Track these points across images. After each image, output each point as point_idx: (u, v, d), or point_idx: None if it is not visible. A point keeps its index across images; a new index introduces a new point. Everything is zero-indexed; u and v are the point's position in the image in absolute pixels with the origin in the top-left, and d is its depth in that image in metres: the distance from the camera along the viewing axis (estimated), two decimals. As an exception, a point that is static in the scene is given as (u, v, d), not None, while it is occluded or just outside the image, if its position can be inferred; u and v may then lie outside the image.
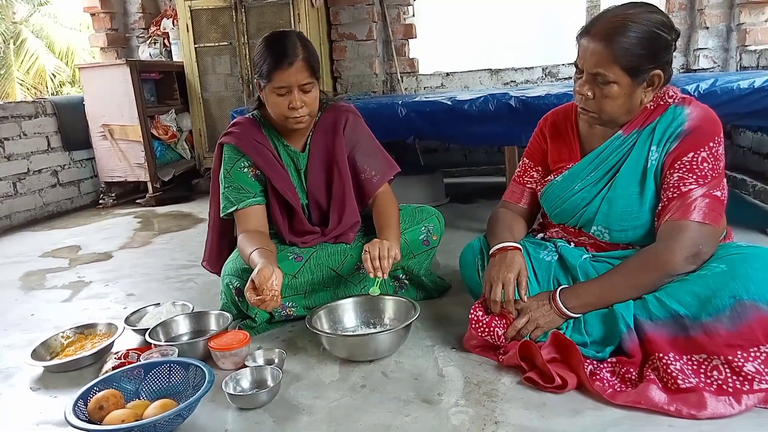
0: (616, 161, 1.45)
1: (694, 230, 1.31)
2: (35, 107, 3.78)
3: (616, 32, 1.31)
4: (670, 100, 1.41)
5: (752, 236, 2.33)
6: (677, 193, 1.34)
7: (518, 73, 4.10)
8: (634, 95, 1.37)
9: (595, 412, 1.23)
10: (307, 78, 1.65)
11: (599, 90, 1.36)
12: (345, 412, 1.31)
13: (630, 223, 1.43)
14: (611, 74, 1.33)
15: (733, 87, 2.20)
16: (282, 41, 1.65)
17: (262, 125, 1.83)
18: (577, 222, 1.53)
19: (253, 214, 1.77)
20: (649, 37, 1.31)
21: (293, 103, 1.65)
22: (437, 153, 4.39)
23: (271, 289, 1.46)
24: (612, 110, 1.38)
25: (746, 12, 3.38)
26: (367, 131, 1.90)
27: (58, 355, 1.70)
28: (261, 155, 1.76)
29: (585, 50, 1.36)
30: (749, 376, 1.18)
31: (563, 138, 1.58)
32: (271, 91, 1.67)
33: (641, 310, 1.31)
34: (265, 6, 3.86)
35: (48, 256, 2.90)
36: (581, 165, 1.50)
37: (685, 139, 1.36)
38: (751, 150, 3.20)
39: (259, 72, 1.68)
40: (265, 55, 1.65)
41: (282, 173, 1.79)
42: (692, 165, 1.34)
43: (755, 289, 1.19)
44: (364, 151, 1.85)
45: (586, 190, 1.49)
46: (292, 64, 1.62)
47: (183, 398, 1.33)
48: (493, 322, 1.44)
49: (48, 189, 3.84)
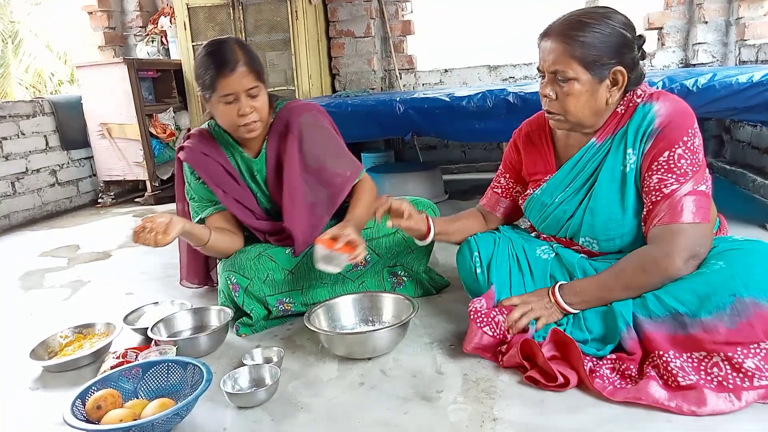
0: (593, 170, 1.44)
1: (689, 232, 1.30)
2: (33, 106, 3.77)
3: (572, 29, 1.33)
4: (638, 99, 1.39)
5: (752, 231, 2.33)
6: (660, 195, 1.33)
7: (517, 68, 4.09)
8: (597, 93, 1.36)
9: (594, 409, 1.22)
10: (252, 82, 1.62)
11: (560, 89, 1.37)
12: (343, 409, 1.31)
13: (615, 232, 1.42)
14: (570, 70, 1.33)
15: (732, 81, 2.19)
16: (221, 49, 1.62)
17: (216, 136, 1.81)
18: (564, 234, 1.53)
19: (218, 221, 1.79)
20: (606, 32, 1.32)
21: (242, 110, 1.61)
22: (436, 149, 4.38)
23: (157, 222, 1.52)
24: (576, 109, 1.37)
25: (745, 6, 3.36)
26: (328, 132, 1.84)
27: (57, 354, 1.70)
28: (208, 172, 1.76)
29: (543, 50, 1.38)
30: (749, 372, 1.18)
31: (538, 149, 1.58)
32: (217, 101, 1.63)
33: (640, 308, 1.31)
34: (263, 3, 3.85)
35: (47, 255, 2.90)
36: (558, 176, 1.50)
37: (657, 137, 1.34)
38: (750, 145, 3.19)
39: (203, 84, 1.64)
40: (206, 64, 1.61)
41: (232, 186, 1.77)
42: (669, 164, 1.32)
43: (754, 286, 1.19)
44: (333, 154, 1.81)
45: (567, 201, 1.48)
46: (234, 70, 1.58)
47: (181, 397, 1.33)
48: (492, 312, 1.43)
49: (46, 188, 3.84)
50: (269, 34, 3.88)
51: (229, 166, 1.79)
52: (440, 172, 3.56)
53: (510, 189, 1.70)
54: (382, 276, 1.91)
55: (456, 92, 2.73)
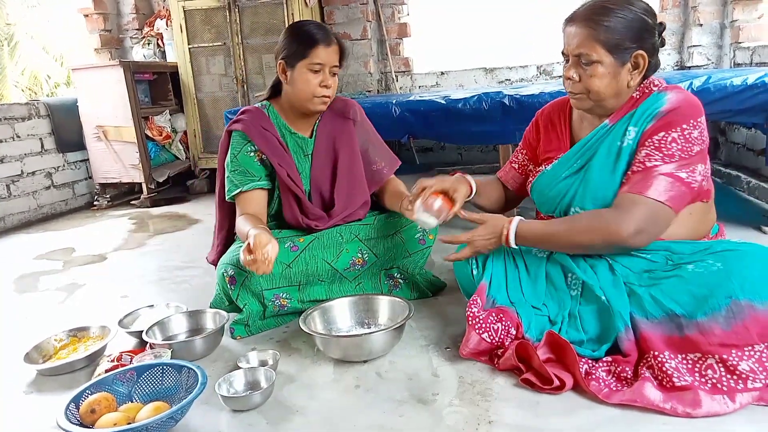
0: (597, 148, 1.47)
1: (649, 207, 1.32)
2: (28, 109, 3.76)
3: (596, 13, 1.38)
4: (655, 88, 1.43)
5: (748, 233, 2.33)
6: (641, 167, 1.36)
7: (513, 71, 4.10)
8: (619, 76, 1.40)
9: (590, 411, 1.22)
10: (337, 61, 1.78)
11: (583, 71, 1.41)
12: (339, 412, 1.31)
13: (602, 202, 1.43)
14: (594, 54, 1.37)
15: (727, 84, 2.20)
16: (321, 26, 1.79)
17: (271, 114, 1.88)
18: (560, 209, 1.54)
19: (255, 199, 1.82)
20: (628, 17, 1.36)
21: (325, 81, 1.74)
22: (432, 152, 4.39)
23: (265, 253, 1.47)
24: (598, 89, 1.40)
25: (739, 9, 3.38)
26: (372, 125, 2.01)
27: (51, 358, 1.69)
28: (267, 142, 1.81)
29: (568, 35, 1.43)
30: (743, 374, 1.18)
31: (555, 129, 1.63)
32: (304, 68, 1.73)
33: (637, 309, 1.31)
34: (259, 6, 3.85)
35: (42, 258, 2.89)
36: (569, 154, 1.54)
37: (660, 119, 1.37)
38: (745, 147, 3.21)
39: (292, 51, 1.74)
40: (306, 34, 1.74)
41: (287, 160, 1.83)
42: (660, 144, 1.35)
43: (750, 288, 1.19)
44: (374, 144, 1.98)
45: (570, 177, 1.51)
46: (330, 45, 1.74)
47: (176, 401, 1.32)
48: (490, 317, 1.43)
49: (42, 191, 3.83)
50: (265, 37, 3.89)
51: (282, 143, 1.85)
52: (437, 175, 3.56)
53: (525, 166, 1.75)
54: (379, 278, 1.91)
55: (452, 95, 2.73)
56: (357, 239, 1.85)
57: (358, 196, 1.90)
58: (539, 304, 1.47)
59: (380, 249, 1.86)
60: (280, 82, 1.85)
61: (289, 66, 1.76)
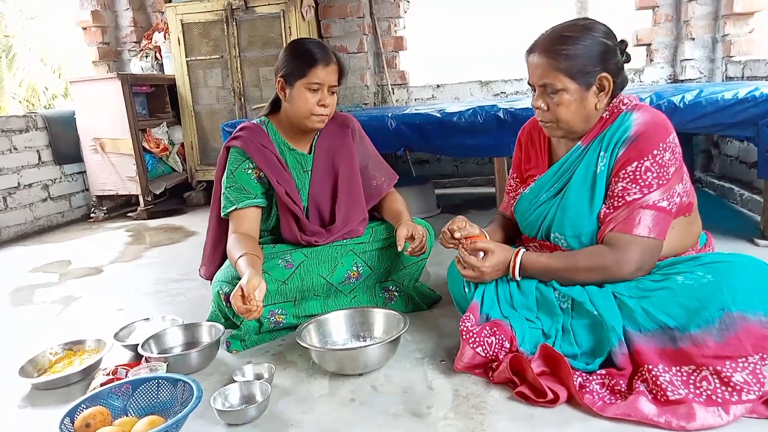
0: (573, 171, 1.49)
1: (641, 246, 1.36)
2: (26, 121, 3.78)
3: (556, 43, 1.39)
4: (624, 107, 1.44)
5: (740, 245, 2.35)
6: (622, 202, 1.38)
7: (508, 84, 4.14)
8: (586, 101, 1.41)
9: (584, 424, 1.23)
10: (336, 81, 1.79)
11: (551, 100, 1.42)
12: (334, 426, 1.31)
13: (581, 230, 1.45)
14: (558, 83, 1.39)
15: (718, 98, 2.23)
16: (321, 45, 1.80)
17: (270, 130, 1.89)
18: (541, 233, 1.55)
19: (249, 216, 1.81)
20: (588, 43, 1.37)
21: (324, 100, 1.76)
22: (429, 164, 4.41)
23: (258, 303, 1.47)
24: (567, 117, 1.42)
25: (731, 23, 3.43)
26: (370, 141, 2.04)
27: (46, 371, 1.68)
28: (265, 159, 1.82)
29: (531, 66, 1.45)
30: (737, 386, 1.19)
31: (534, 146, 1.65)
32: (302, 87, 1.75)
33: (630, 322, 1.32)
34: (257, 19, 3.89)
35: (38, 271, 2.88)
36: (546, 176, 1.55)
37: (630, 146, 1.38)
38: (738, 159, 3.23)
39: (291, 69, 1.76)
40: (305, 53, 1.75)
41: (285, 177, 1.83)
42: (635, 175, 1.36)
43: (742, 300, 1.21)
44: (373, 159, 2.01)
45: (549, 201, 1.53)
46: (329, 65, 1.75)
47: (171, 414, 1.32)
48: (484, 331, 1.44)
49: (38, 203, 3.83)
50: (263, 50, 3.92)
51: (281, 160, 1.86)
52: (433, 187, 3.58)
53: (516, 189, 1.73)
54: (374, 291, 1.92)
55: (447, 108, 2.76)
56: (352, 252, 1.85)
57: (358, 213, 1.91)
58: (533, 317, 1.48)
59: (375, 261, 1.87)
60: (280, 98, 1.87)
61: (288, 84, 1.77)
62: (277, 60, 1.82)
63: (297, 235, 1.85)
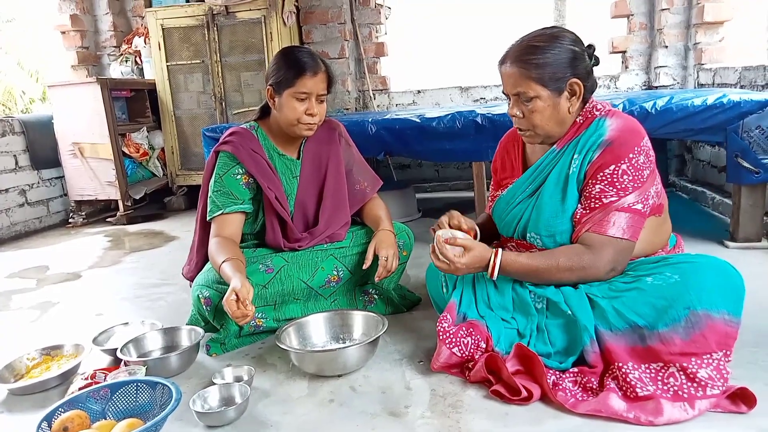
0: (548, 173, 1.53)
1: (616, 247, 1.40)
2: (2, 126, 3.72)
3: (525, 53, 1.43)
4: (597, 113, 1.50)
5: (711, 247, 2.41)
6: (599, 203, 1.42)
7: (488, 90, 4.19)
8: (558, 106, 1.46)
9: (556, 421, 1.26)
10: (324, 90, 1.80)
11: (525, 107, 1.47)
12: (313, 427, 1.32)
13: (555, 228, 1.49)
14: (530, 91, 1.43)
15: (688, 104, 2.29)
16: (310, 53, 1.80)
17: (260, 135, 1.90)
18: (517, 233, 1.59)
19: (234, 222, 1.82)
20: (556, 51, 1.42)
21: (311, 109, 1.77)
22: (410, 168, 4.44)
23: (252, 308, 1.51)
24: (542, 123, 1.47)
25: (702, 32, 3.53)
26: (355, 146, 2.06)
27: (23, 377, 1.67)
28: (256, 164, 1.82)
29: (504, 76, 1.49)
30: (702, 382, 1.24)
31: (509, 155, 1.69)
32: (290, 96, 1.76)
33: (601, 321, 1.36)
34: (238, 24, 3.89)
35: (15, 276, 2.85)
36: (522, 179, 1.59)
37: (606, 150, 1.43)
38: (709, 164, 3.32)
39: (280, 78, 1.76)
40: (293, 62, 1.76)
41: (275, 183, 1.84)
42: (613, 178, 1.41)
43: (707, 299, 1.26)
44: (357, 164, 2.03)
45: (524, 202, 1.57)
46: (317, 74, 1.75)
47: (150, 417, 1.32)
48: (460, 332, 1.47)
49: (15, 208, 3.78)
50: (244, 55, 3.92)
51: (271, 165, 1.87)
52: (414, 191, 3.61)
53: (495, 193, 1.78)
54: (353, 294, 1.94)
55: (427, 113, 2.79)
56: (332, 257, 1.87)
57: (341, 217, 1.93)
58: (508, 316, 1.51)
59: (355, 265, 1.89)
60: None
61: (277, 93, 1.78)
62: (268, 67, 1.84)
63: (281, 242, 1.86)
